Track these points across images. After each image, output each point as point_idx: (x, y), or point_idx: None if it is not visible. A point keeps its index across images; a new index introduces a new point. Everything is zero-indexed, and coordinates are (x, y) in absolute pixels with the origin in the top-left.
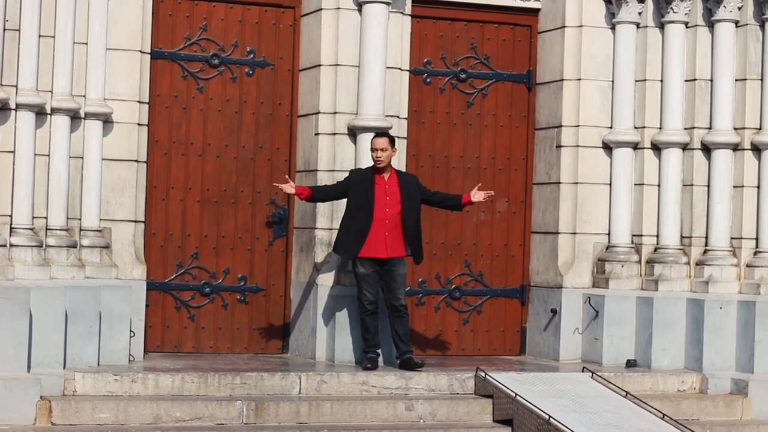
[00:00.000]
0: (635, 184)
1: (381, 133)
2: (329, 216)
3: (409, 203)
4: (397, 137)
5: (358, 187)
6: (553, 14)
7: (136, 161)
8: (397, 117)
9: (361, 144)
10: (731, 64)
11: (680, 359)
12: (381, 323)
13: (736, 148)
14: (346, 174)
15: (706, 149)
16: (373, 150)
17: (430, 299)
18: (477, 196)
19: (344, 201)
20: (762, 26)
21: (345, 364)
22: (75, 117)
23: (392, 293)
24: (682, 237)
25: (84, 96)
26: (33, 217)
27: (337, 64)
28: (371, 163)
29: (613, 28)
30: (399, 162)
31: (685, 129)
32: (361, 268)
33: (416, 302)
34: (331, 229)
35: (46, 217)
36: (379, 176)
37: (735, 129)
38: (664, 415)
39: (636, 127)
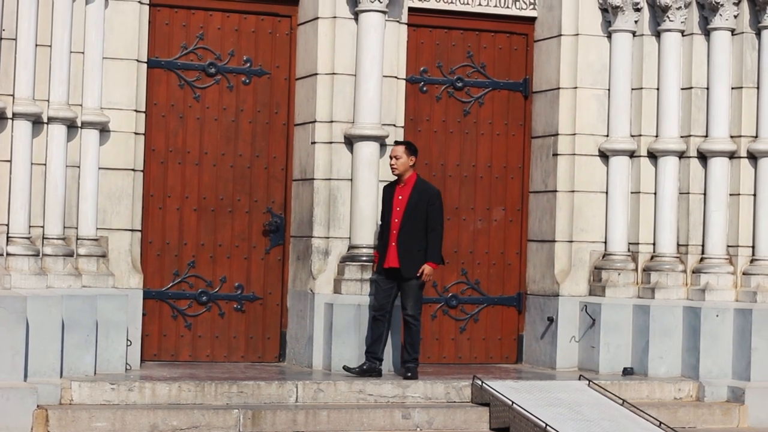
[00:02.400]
0: (631, 192)
1: (399, 141)
2: (326, 225)
3: (411, 214)
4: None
5: (384, 202)
6: (550, 23)
7: (133, 170)
8: (394, 125)
9: (357, 152)
10: (727, 72)
11: (677, 367)
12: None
13: (732, 156)
14: (341, 183)
15: (703, 157)
16: (390, 158)
17: (426, 307)
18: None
19: (341, 211)
20: (758, 34)
21: (342, 372)
22: (72, 126)
23: (402, 302)
24: (678, 245)
25: (81, 105)
26: (30, 226)
27: (333, 73)
28: (364, 171)
29: (609, 37)
30: None
31: (681, 137)
32: (373, 274)
33: None
34: (327, 237)
35: (42, 226)
36: (398, 186)
37: (731, 137)
38: (660, 423)
39: (632, 136)
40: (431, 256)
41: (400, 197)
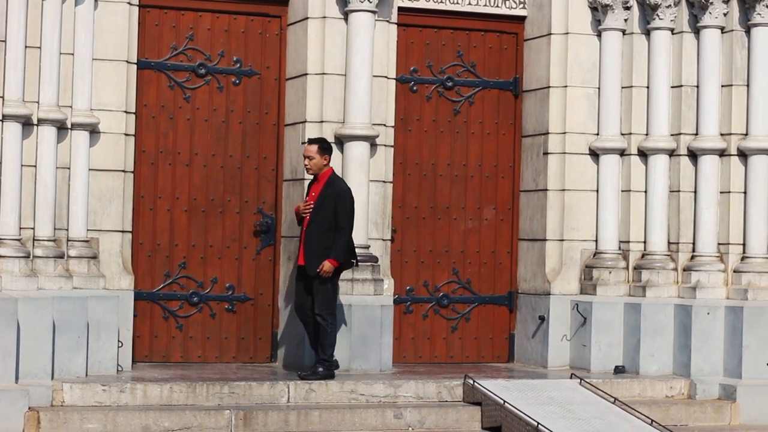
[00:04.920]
0: (622, 191)
1: (313, 139)
2: None
3: (318, 212)
4: (384, 145)
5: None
6: (539, 22)
7: (123, 171)
8: (384, 125)
9: (348, 152)
10: (717, 70)
11: (668, 365)
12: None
13: (722, 153)
14: None
15: (693, 155)
16: (303, 157)
17: (418, 307)
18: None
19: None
20: (747, 32)
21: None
22: (62, 127)
23: (312, 301)
24: (669, 243)
25: (71, 106)
26: (20, 228)
27: (323, 73)
28: (354, 171)
29: (599, 35)
30: (386, 170)
31: (671, 135)
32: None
33: (404, 310)
34: None
35: (33, 228)
36: (314, 183)
37: (721, 135)
38: (652, 421)
39: (623, 134)
40: (334, 253)
41: (312, 194)
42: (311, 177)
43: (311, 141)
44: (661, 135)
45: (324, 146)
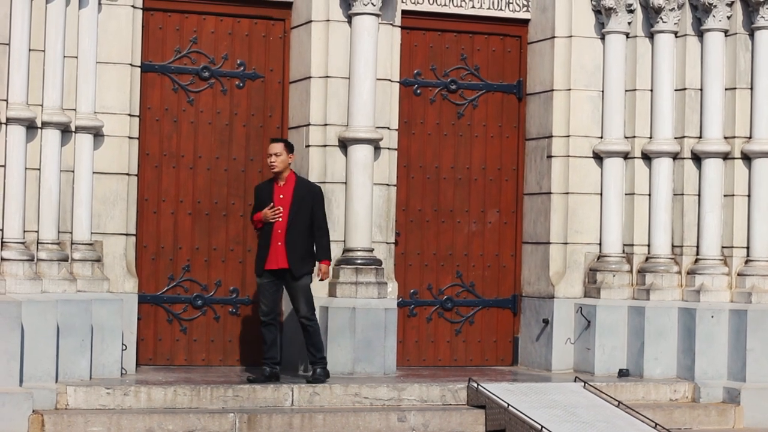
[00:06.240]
0: (626, 194)
1: (276, 138)
2: None
3: (296, 213)
4: (388, 148)
5: (262, 201)
6: (543, 25)
7: (127, 174)
8: (388, 128)
9: (351, 156)
10: (721, 74)
11: (672, 368)
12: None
13: (726, 157)
14: (336, 186)
15: (697, 158)
16: (268, 156)
17: (421, 310)
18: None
19: (335, 214)
20: (751, 35)
21: (337, 375)
22: (66, 130)
23: (294, 305)
24: (673, 246)
25: (74, 109)
26: (24, 231)
27: (327, 76)
28: (358, 174)
29: (602, 38)
30: (390, 173)
31: (675, 138)
32: (259, 278)
33: (408, 313)
34: None
35: (37, 231)
36: (276, 185)
37: (725, 138)
38: (656, 424)
39: (626, 137)
40: (326, 254)
41: (281, 196)
42: (276, 177)
43: (275, 140)
44: (664, 138)
45: (289, 145)
